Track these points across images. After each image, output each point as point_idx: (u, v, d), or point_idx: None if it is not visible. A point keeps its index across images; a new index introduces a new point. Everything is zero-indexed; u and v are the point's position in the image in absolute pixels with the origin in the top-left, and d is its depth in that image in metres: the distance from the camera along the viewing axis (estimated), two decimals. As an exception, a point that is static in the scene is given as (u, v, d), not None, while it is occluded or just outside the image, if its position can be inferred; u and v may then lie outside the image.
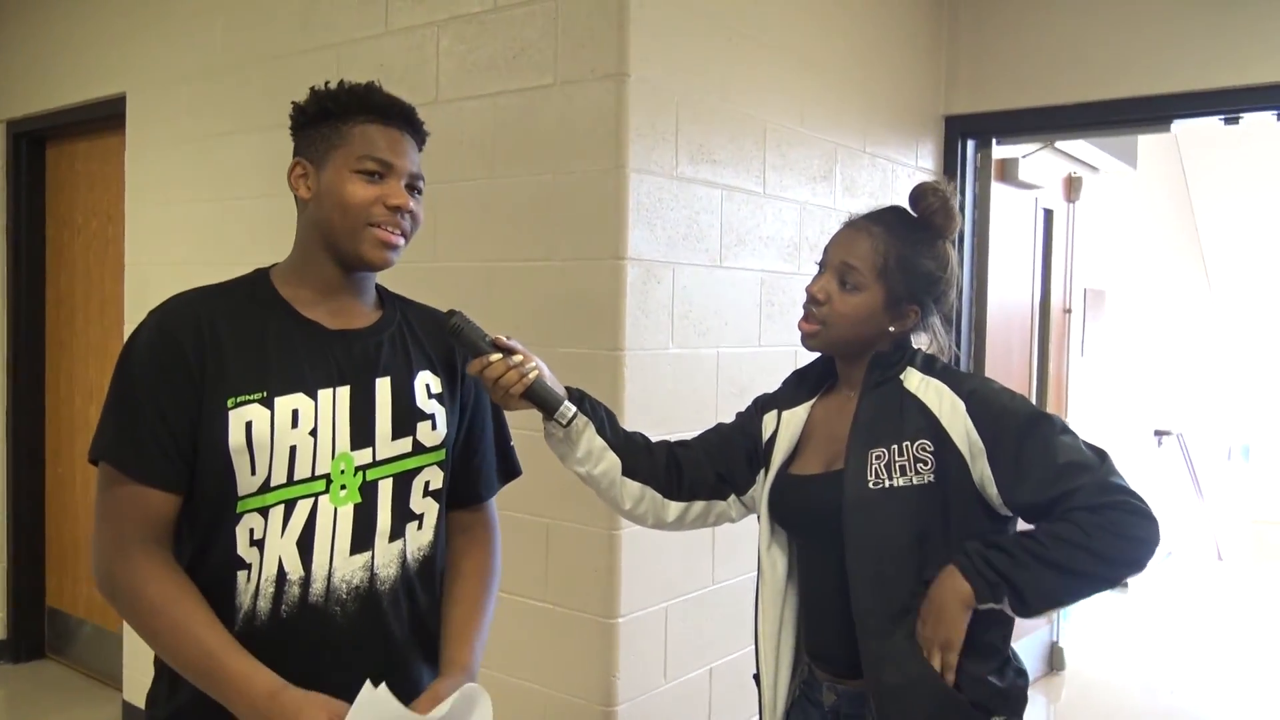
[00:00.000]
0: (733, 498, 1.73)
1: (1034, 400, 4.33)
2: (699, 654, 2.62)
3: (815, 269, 1.67)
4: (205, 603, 1.26)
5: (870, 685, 1.50)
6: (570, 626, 2.45)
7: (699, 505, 1.71)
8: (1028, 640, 4.32)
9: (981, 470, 1.46)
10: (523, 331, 2.43)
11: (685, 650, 2.58)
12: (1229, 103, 3.25)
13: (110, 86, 3.72)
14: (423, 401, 1.42)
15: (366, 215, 1.35)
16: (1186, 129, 3.53)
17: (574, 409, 1.56)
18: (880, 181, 3.36)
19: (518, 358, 1.48)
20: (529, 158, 2.50)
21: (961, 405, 1.49)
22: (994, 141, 3.78)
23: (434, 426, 1.42)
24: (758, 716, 1.71)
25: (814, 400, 1.69)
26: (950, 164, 3.73)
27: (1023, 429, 1.45)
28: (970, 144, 3.76)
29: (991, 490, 1.47)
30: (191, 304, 1.35)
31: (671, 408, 2.51)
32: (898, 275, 1.57)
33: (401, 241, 1.39)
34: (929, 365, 1.58)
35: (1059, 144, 4.42)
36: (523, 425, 1.72)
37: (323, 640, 1.30)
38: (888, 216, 1.63)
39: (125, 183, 3.68)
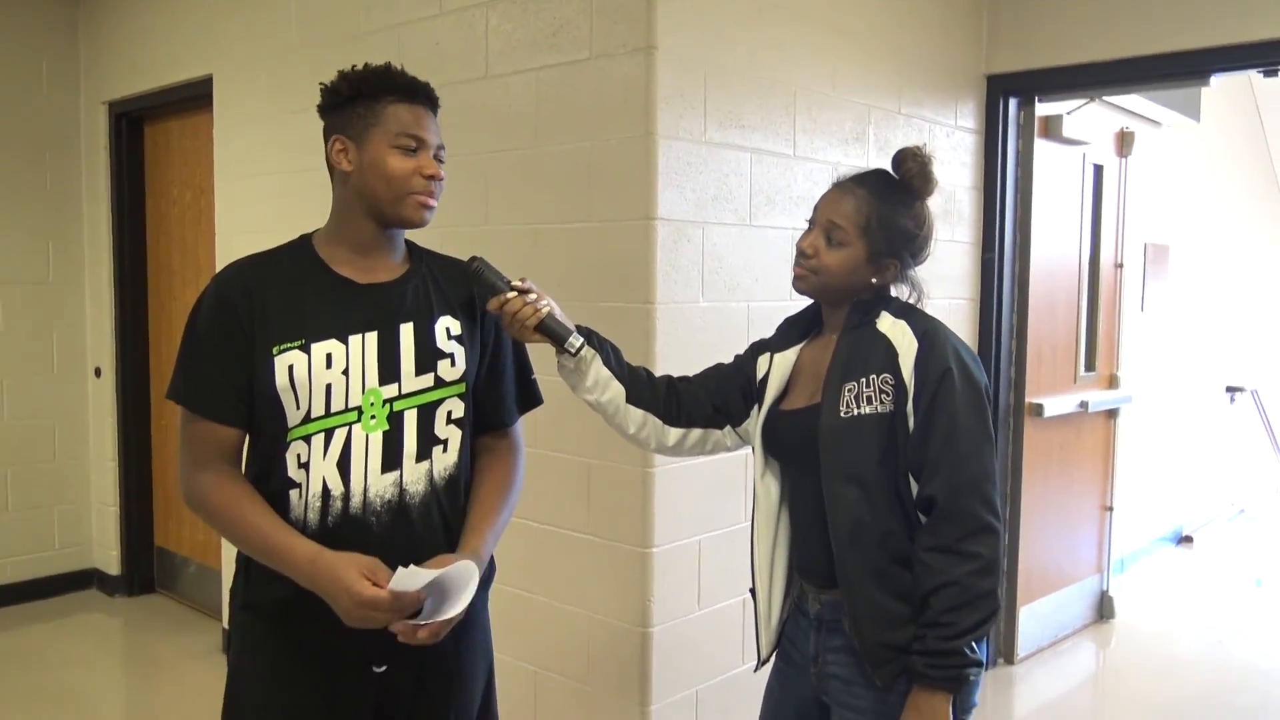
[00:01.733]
0: (728, 428, 1.92)
1: (1083, 357, 4.40)
2: (732, 584, 2.82)
3: None
4: (261, 500, 1.54)
5: (843, 592, 1.70)
6: (609, 556, 2.69)
7: (696, 433, 1.90)
8: (1076, 588, 4.43)
9: (909, 410, 1.64)
10: (564, 287, 2.66)
11: (718, 580, 2.79)
12: (1267, 55, 3.28)
13: (198, 69, 4.04)
14: (443, 342, 1.64)
15: (407, 185, 1.59)
16: (1218, 82, 3.55)
17: (581, 340, 1.77)
18: (917, 140, 3.46)
19: (531, 295, 1.69)
20: (568, 127, 2.71)
21: (915, 344, 1.66)
22: (1036, 99, 3.86)
23: (453, 364, 1.64)
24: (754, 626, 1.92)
25: (802, 344, 1.87)
26: (992, 122, 3.82)
27: (938, 391, 1.62)
28: (1013, 102, 3.84)
29: (906, 430, 1.65)
30: (242, 271, 1.61)
31: (702, 357, 2.67)
32: (878, 233, 1.72)
33: (434, 203, 1.64)
34: (901, 309, 1.74)
35: (1111, 99, 4.45)
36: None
37: (363, 545, 1.54)
38: (871, 179, 1.78)
39: (214, 158, 4.01)
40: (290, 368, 1.53)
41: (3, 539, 4.61)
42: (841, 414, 1.66)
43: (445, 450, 1.64)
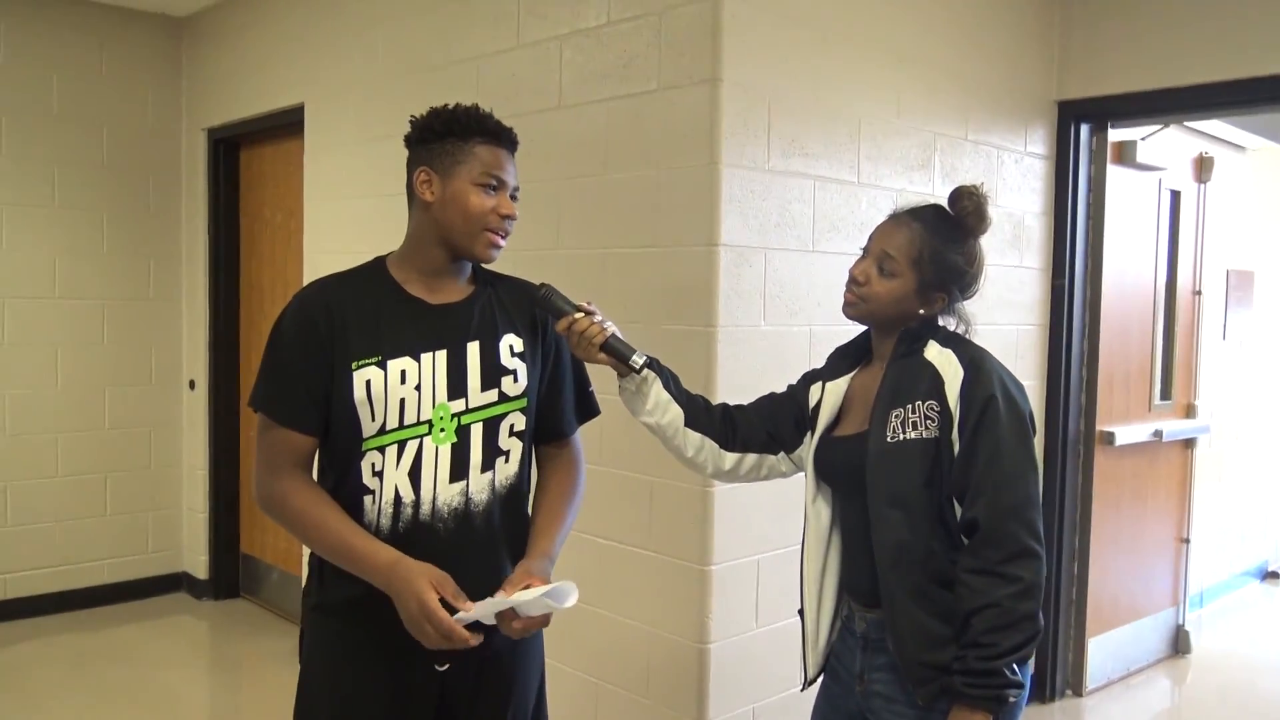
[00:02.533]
0: (781, 454, 1.99)
1: (1158, 385, 4.34)
2: (790, 603, 2.84)
3: None
4: (337, 505, 1.65)
5: (886, 611, 1.75)
6: (670, 572, 2.76)
7: (751, 458, 1.97)
8: (1150, 620, 4.35)
9: (954, 436, 1.70)
10: (630, 310, 2.76)
11: (776, 598, 2.83)
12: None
13: (291, 98, 4.26)
14: (506, 359, 1.75)
15: (484, 222, 1.71)
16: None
17: (645, 358, 1.87)
18: (984, 167, 3.50)
19: (598, 317, 1.80)
20: (636, 155, 2.81)
21: (961, 372, 1.71)
22: (1109, 125, 3.84)
23: (516, 380, 1.75)
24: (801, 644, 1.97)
25: (853, 373, 1.93)
26: (1063, 148, 3.81)
27: (982, 417, 1.67)
28: (1084, 128, 3.83)
29: (951, 455, 1.70)
30: (323, 289, 1.72)
31: (763, 381, 2.76)
32: (929, 267, 1.78)
33: (504, 242, 1.75)
34: (948, 338, 1.80)
35: (1190, 124, 4.39)
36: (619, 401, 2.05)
37: (430, 548, 1.65)
38: (926, 213, 1.84)
39: (304, 181, 4.21)
40: (368, 382, 1.64)
41: (100, 541, 4.87)
42: (888, 440, 1.72)
43: (507, 461, 1.74)
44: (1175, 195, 4.39)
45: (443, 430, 1.68)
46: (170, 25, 4.96)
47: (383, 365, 1.65)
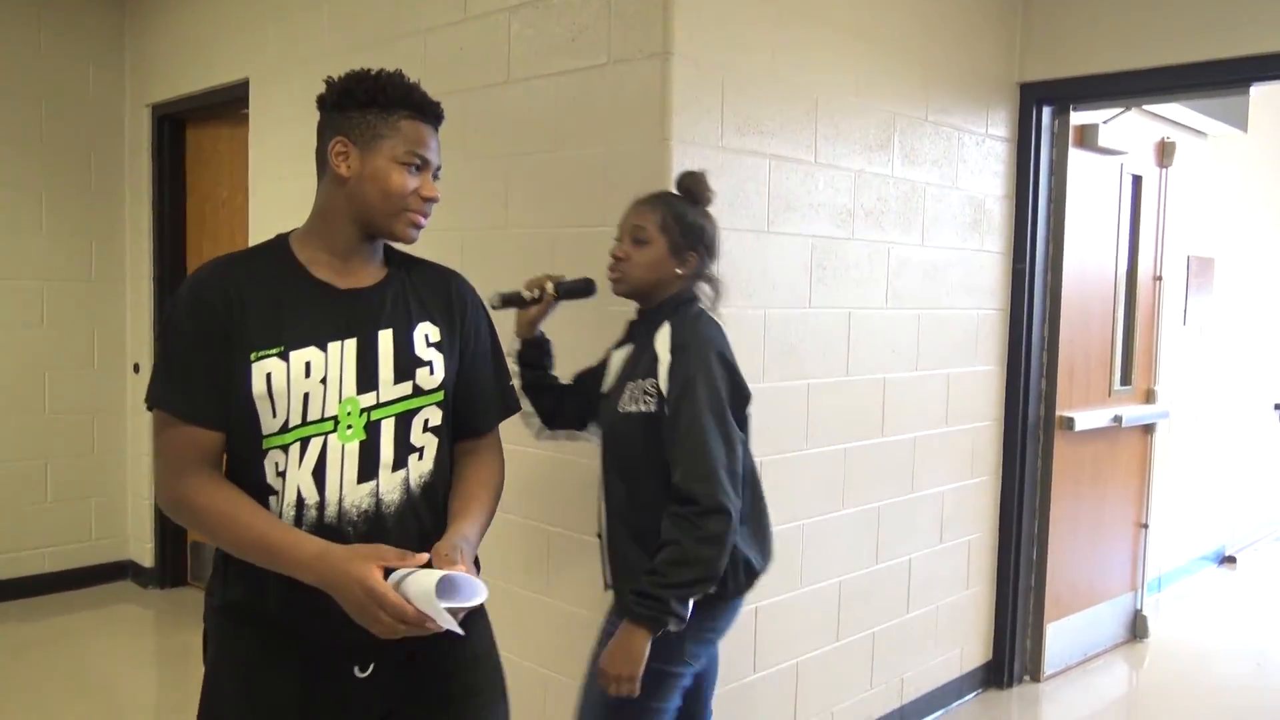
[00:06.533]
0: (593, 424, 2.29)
1: (1118, 371, 4.32)
2: (787, 648, 2.81)
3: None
4: (252, 500, 1.51)
5: (611, 550, 2.09)
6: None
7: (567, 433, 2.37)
8: (1108, 606, 4.34)
9: (667, 411, 1.96)
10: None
11: (774, 646, 2.79)
12: (1309, 64, 3.20)
13: (236, 73, 4.12)
14: (421, 350, 1.61)
15: (404, 202, 1.58)
16: (1265, 92, 3.46)
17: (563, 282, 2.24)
18: (944, 149, 3.44)
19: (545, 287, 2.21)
20: (586, 131, 2.72)
21: (669, 357, 1.98)
22: (1071, 108, 3.79)
23: (432, 371, 1.60)
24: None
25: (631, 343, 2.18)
26: (1025, 131, 3.76)
27: (681, 396, 1.93)
28: (1046, 110, 3.78)
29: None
30: (218, 271, 1.56)
31: (716, 363, 2.70)
32: (675, 229, 2.08)
33: (425, 223, 1.64)
34: (678, 322, 2.03)
35: (1151, 108, 4.36)
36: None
37: None
38: (661, 193, 2.19)
39: (249, 159, 4.07)
40: (268, 375, 1.50)
41: (41, 529, 4.72)
42: (619, 410, 2.03)
43: (421, 458, 1.61)
44: (1137, 180, 4.37)
45: (350, 427, 1.54)
46: (113, -3, 4.80)
47: (285, 356, 1.51)
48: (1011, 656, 3.86)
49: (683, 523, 1.87)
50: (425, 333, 1.63)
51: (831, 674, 3.16)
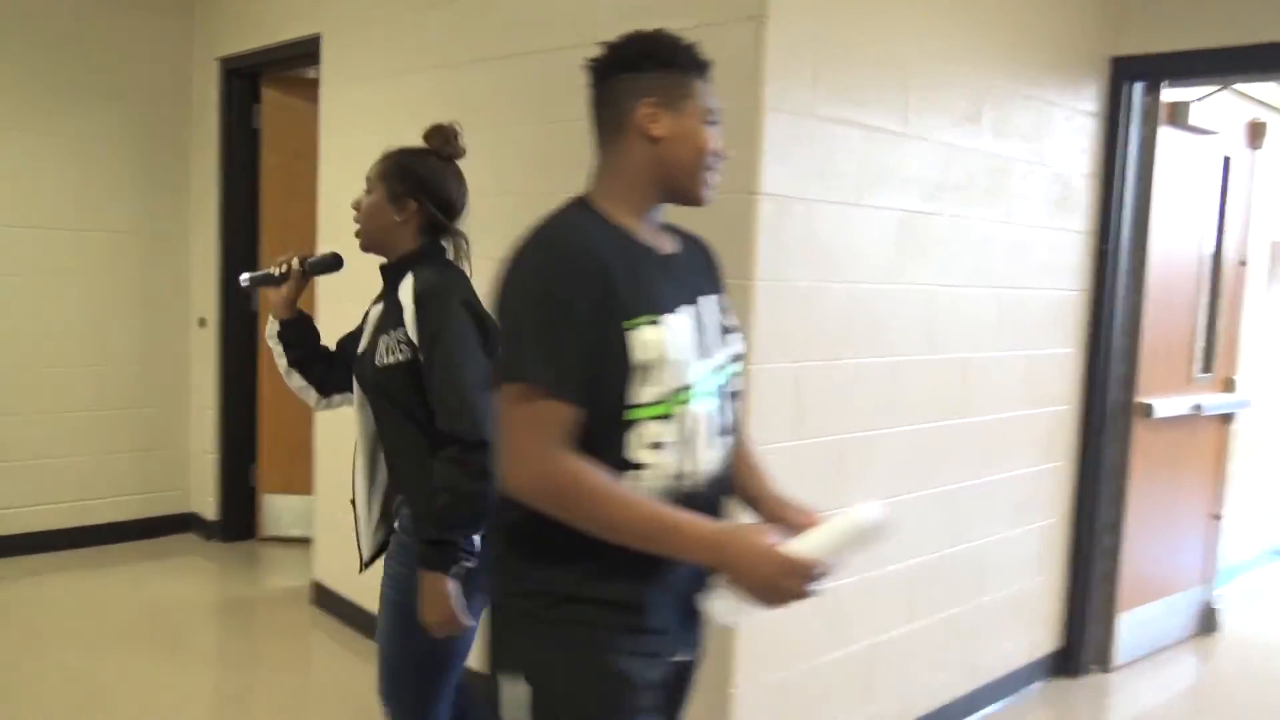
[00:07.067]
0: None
1: (1200, 358, 4.19)
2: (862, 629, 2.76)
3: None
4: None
5: (403, 499, 2.10)
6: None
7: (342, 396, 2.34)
8: (1181, 597, 4.24)
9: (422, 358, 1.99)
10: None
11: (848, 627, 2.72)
12: None
13: (307, 27, 4.08)
14: (725, 316, 1.62)
15: (709, 161, 1.57)
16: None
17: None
18: (1034, 123, 3.33)
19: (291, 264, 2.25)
20: (674, 96, 2.64)
21: (413, 308, 2.00)
22: (1163, 84, 3.66)
23: (740, 336, 1.66)
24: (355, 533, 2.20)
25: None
26: (1114, 107, 3.64)
27: (432, 345, 1.97)
28: (1138, 86, 3.65)
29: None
30: (583, 237, 1.48)
31: (802, 337, 2.65)
32: (394, 177, 2.12)
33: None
34: (419, 274, 2.04)
35: (1242, 87, 4.20)
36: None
37: None
38: (400, 147, 2.18)
39: (320, 116, 4.05)
40: (645, 344, 1.45)
41: (106, 479, 4.79)
42: (377, 363, 2.05)
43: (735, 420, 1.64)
44: (1227, 161, 4.21)
45: (706, 393, 1.52)
46: (185, -50, 4.79)
47: (656, 324, 1.46)
48: (1082, 645, 3.79)
49: (450, 464, 1.93)
50: (715, 298, 1.64)
51: (905, 656, 3.11)
